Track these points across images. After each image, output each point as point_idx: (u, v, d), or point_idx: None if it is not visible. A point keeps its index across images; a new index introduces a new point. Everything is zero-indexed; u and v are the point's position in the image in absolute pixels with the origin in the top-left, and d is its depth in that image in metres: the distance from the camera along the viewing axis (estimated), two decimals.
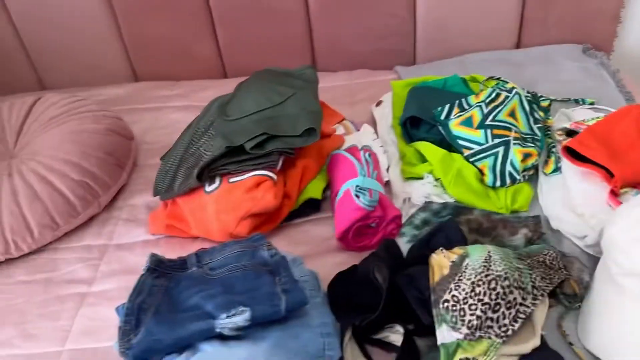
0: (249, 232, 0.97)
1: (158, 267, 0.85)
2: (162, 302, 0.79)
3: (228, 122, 1.05)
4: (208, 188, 1.00)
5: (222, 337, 0.73)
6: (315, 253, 0.98)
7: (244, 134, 0.99)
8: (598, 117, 1.08)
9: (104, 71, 1.55)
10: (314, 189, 1.05)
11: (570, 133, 1.07)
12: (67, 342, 0.88)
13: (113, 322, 0.89)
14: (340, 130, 1.22)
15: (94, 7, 1.44)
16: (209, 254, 0.89)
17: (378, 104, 1.29)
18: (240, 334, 0.73)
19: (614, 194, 0.92)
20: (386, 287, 0.78)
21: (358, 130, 1.23)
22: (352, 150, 1.06)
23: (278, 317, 0.74)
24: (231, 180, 0.98)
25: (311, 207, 1.06)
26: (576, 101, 1.22)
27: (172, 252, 1.01)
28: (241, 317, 0.72)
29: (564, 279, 0.82)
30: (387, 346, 0.81)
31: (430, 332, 0.77)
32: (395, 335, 0.80)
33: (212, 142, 1.03)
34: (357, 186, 0.96)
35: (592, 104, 1.21)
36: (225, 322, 0.72)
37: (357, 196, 0.94)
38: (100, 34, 1.49)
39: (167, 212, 1.04)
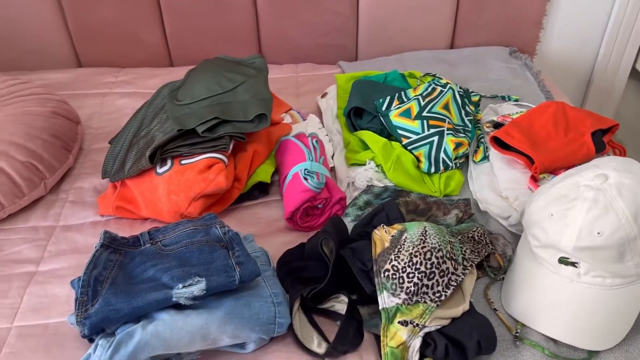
0: (200, 212, 1.01)
1: (111, 244, 0.87)
2: (118, 275, 0.81)
3: (180, 107, 1.07)
4: (159, 169, 1.02)
5: (178, 307, 0.77)
6: (264, 233, 1.03)
7: (195, 118, 1.02)
8: (521, 112, 1.19)
9: (46, 56, 1.52)
10: (263, 173, 1.10)
11: (497, 125, 1.18)
12: (15, 318, 0.88)
13: (63, 299, 0.91)
14: (287, 119, 1.27)
15: None
16: (161, 231, 0.91)
17: (323, 95, 1.36)
18: (195, 304, 0.77)
19: (534, 179, 1.03)
20: (333, 259, 0.84)
21: (304, 119, 1.28)
22: (300, 136, 1.12)
23: (232, 288, 0.79)
24: (183, 162, 1.01)
25: (260, 190, 1.10)
26: (503, 98, 1.34)
27: (122, 232, 1.02)
28: (197, 287, 0.76)
29: (489, 252, 0.92)
30: (332, 315, 0.87)
31: (372, 301, 0.84)
32: (340, 305, 0.86)
33: (163, 125, 1.06)
34: (305, 169, 1.02)
35: (516, 100, 1.33)
36: (182, 292, 0.76)
37: (306, 179, 1.00)
38: (42, 17, 1.46)
39: (117, 194, 1.06)
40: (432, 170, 1.11)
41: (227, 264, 0.80)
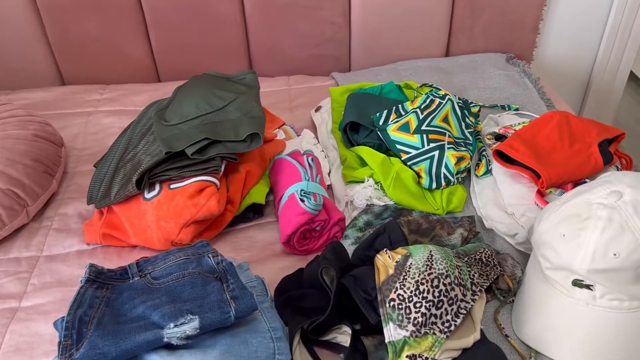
0: (192, 239, 0.96)
1: (97, 278, 0.82)
2: (105, 314, 0.75)
3: (167, 127, 1.02)
4: (147, 195, 0.97)
5: (169, 347, 0.72)
6: (260, 258, 0.98)
7: (184, 139, 0.97)
8: (524, 122, 1.15)
9: (28, 74, 1.47)
10: (257, 194, 1.05)
11: (499, 137, 1.14)
12: None
13: (47, 337, 0.85)
14: (281, 135, 1.22)
15: (16, 5, 1.36)
16: (150, 262, 0.86)
17: (317, 109, 1.31)
18: (188, 343, 0.72)
19: (541, 194, 0.99)
20: (334, 288, 0.79)
21: (298, 135, 1.24)
22: (295, 154, 1.07)
23: (228, 325, 0.74)
24: (172, 186, 0.96)
25: (254, 212, 1.05)
26: (502, 107, 1.30)
27: (109, 262, 0.99)
28: (190, 326, 0.71)
29: (498, 275, 0.87)
30: (335, 347, 0.82)
31: (377, 331, 0.79)
32: (343, 336, 0.81)
33: (150, 147, 1.01)
34: (301, 190, 0.97)
35: (517, 109, 1.29)
36: (173, 332, 0.71)
37: (302, 200, 0.95)
38: (23, 34, 1.41)
39: (103, 220, 1.00)
40: (434, 186, 1.06)
41: (222, 298, 0.75)
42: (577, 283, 0.79)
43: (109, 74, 1.49)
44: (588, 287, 0.78)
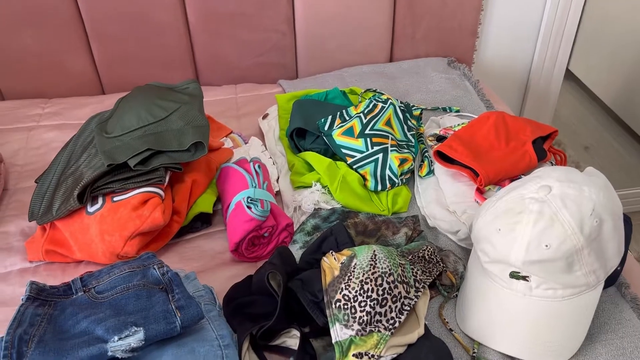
0: (138, 251, 0.95)
1: (39, 296, 0.80)
2: (47, 331, 0.74)
3: (109, 139, 1.01)
4: (90, 209, 0.95)
5: None
6: (209, 268, 0.98)
7: (127, 151, 0.97)
8: (463, 123, 1.19)
9: None
10: (205, 203, 1.04)
11: (440, 138, 1.17)
12: None
13: None
14: (228, 143, 1.23)
15: None
16: (95, 277, 0.85)
17: (264, 116, 1.32)
18: (134, 355, 0.71)
19: (480, 191, 1.02)
20: (281, 293, 0.80)
21: (246, 142, 1.24)
22: (242, 162, 1.08)
23: (174, 335, 0.73)
24: (115, 199, 0.95)
25: (202, 221, 1.05)
26: (444, 109, 1.34)
27: (53, 278, 0.96)
28: (134, 338, 0.70)
29: (441, 271, 0.90)
30: (285, 351, 0.82)
31: (326, 333, 0.80)
32: (292, 340, 0.82)
33: (92, 160, 0.99)
34: (248, 197, 0.97)
35: (457, 111, 1.33)
36: (118, 345, 0.70)
37: (249, 207, 0.95)
38: None
39: (46, 236, 0.98)
40: (379, 188, 1.09)
41: (167, 309, 0.74)
42: (514, 275, 0.82)
43: (51, 88, 1.46)
44: (524, 278, 0.81)
